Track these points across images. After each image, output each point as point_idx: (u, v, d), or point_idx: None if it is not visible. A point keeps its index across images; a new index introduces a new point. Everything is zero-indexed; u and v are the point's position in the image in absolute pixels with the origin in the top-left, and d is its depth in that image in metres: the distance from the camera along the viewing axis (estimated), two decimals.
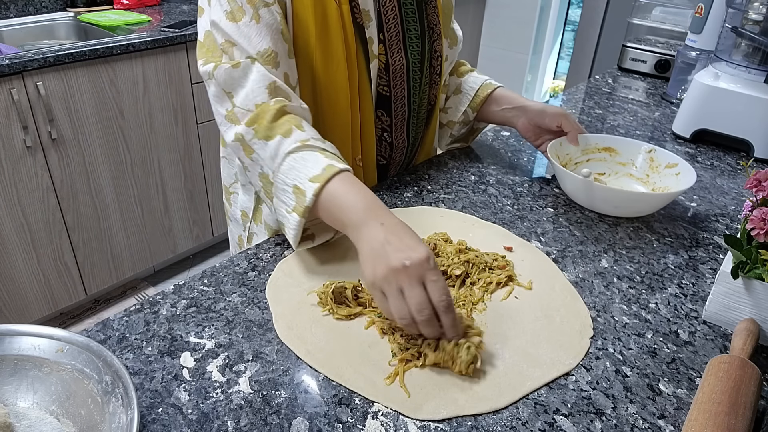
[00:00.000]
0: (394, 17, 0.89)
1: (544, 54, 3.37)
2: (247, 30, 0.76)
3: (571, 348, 0.65)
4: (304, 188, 0.69)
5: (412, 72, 0.94)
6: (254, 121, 0.75)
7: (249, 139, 0.75)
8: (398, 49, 0.91)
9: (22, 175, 1.74)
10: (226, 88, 0.77)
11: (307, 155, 0.72)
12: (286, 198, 0.72)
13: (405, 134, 1.00)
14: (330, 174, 0.69)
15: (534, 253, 0.81)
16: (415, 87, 0.96)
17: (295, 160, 0.71)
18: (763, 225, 0.65)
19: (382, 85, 0.92)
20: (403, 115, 0.97)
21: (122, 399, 0.50)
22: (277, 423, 0.54)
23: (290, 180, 0.71)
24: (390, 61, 0.90)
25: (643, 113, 1.43)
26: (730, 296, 0.69)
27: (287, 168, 0.72)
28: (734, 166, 1.17)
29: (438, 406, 0.56)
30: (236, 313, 0.68)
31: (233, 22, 0.76)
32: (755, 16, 1.15)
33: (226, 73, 0.76)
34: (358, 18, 0.84)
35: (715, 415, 0.52)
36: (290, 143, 0.72)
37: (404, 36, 0.91)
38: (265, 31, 0.76)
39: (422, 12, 0.93)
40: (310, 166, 0.70)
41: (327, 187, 0.68)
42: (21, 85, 1.64)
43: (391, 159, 1.01)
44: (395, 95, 0.94)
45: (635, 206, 0.91)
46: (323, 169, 0.69)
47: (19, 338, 0.55)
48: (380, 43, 0.89)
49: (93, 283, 2.06)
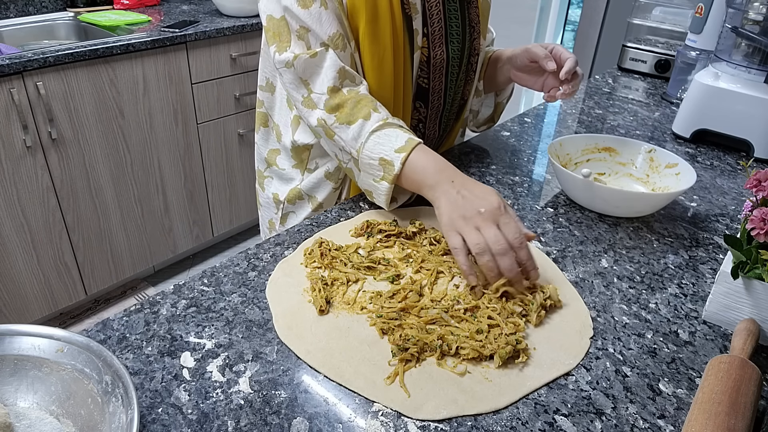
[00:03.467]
0: (438, 12, 0.92)
1: None
2: (318, 15, 0.82)
3: (571, 348, 0.65)
4: (391, 159, 0.79)
5: (451, 66, 0.98)
6: (335, 108, 0.84)
7: (331, 124, 0.85)
8: (440, 43, 0.94)
9: (22, 175, 1.74)
10: (304, 76, 0.85)
11: (389, 132, 0.82)
12: (373, 170, 0.82)
13: (437, 126, 1.04)
14: (412, 145, 0.79)
15: (534, 253, 0.81)
16: (452, 81, 1.00)
17: (378, 137, 0.81)
18: (763, 225, 0.65)
19: (422, 77, 0.95)
20: (438, 107, 1.01)
21: (122, 399, 0.50)
22: (277, 423, 0.54)
23: (376, 154, 0.81)
24: (432, 54, 0.94)
25: (643, 113, 1.43)
26: (730, 296, 0.69)
27: (372, 144, 0.81)
28: (734, 166, 1.17)
29: (438, 406, 0.56)
30: (236, 313, 0.68)
31: (305, 8, 0.82)
32: (755, 16, 1.15)
33: (305, 63, 0.84)
34: (407, 9, 0.88)
35: (715, 415, 0.52)
36: (372, 123, 0.82)
37: (446, 31, 0.95)
38: (333, 16, 0.83)
39: (464, 10, 0.97)
40: (393, 140, 0.81)
41: (410, 156, 0.79)
42: (21, 85, 1.64)
43: None
44: (433, 88, 0.97)
45: (635, 206, 0.91)
46: (406, 141, 0.80)
47: (19, 338, 0.55)
48: (424, 36, 0.92)
49: (93, 283, 2.06)
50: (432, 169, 0.78)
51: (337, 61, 0.84)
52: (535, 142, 1.23)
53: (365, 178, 0.84)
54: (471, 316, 0.67)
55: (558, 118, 1.40)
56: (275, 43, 0.86)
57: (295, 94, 0.88)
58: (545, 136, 1.27)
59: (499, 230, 0.69)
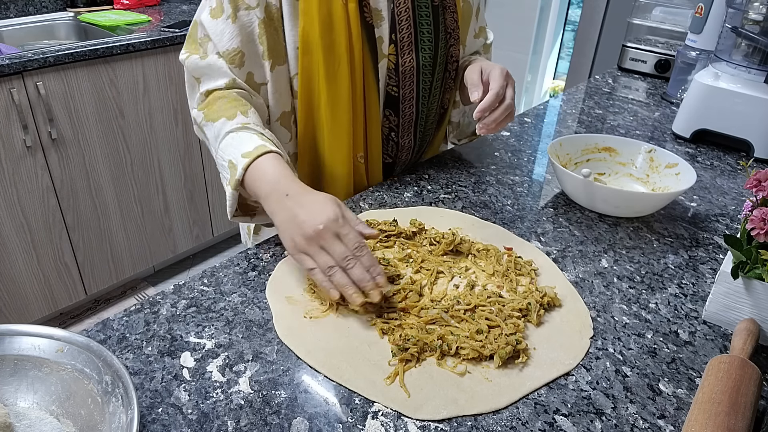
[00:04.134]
0: (407, 19, 0.90)
1: (544, 54, 3.37)
2: (222, 27, 0.82)
3: (571, 348, 0.65)
4: (236, 162, 0.74)
5: (422, 74, 0.95)
6: (205, 105, 0.83)
7: (200, 121, 0.83)
8: (409, 50, 0.92)
9: (22, 175, 1.73)
10: (195, 74, 0.86)
11: (244, 135, 0.77)
12: (224, 172, 0.77)
13: (412, 135, 1.01)
14: (260, 152, 0.73)
15: (534, 253, 0.81)
16: (425, 89, 0.97)
17: (233, 138, 0.77)
18: (763, 225, 0.65)
19: (391, 85, 0.93)
20: (411, 116, 0.98)
21: (122, 399, 0.50)
22: (277, 423, 0.54)
23: (227, 156, 0.76)
24: (400, 62, 0.91)
25: (643, 113, 1.43)
26: (730, 296, 0.69)
27: (225, 145, 0.77)
28: (734, 166, 1.17)
29: (438, 406, 0.56)
30: (236, 313, 0.68)
31: (213, 18, 0.82)
32: (755, 16, 1.15)
33: (193, 62, 0.84)
34: (368, 18, 0.86)
35: (715, 415, 0.52)
36: (232, 124, 0.78)
37: (416, 38, 0.92)
38: (237, 32, 0.82)
39: (438, 16, 0.94)
40: (245, 144, 0.75)
41: (255, 162, 0.73)
42: (21, 85, 1.64)
43: (397, 158, 1.02)
44: (404, 96, 0.95)
45: (635, 206, 0.91)
46: (255, 147, 0.74)
47: (19, 338, 0.55)
48: (391, 43, 0.90)
49: (93, 283, 2.06)
50: (270, 177, 0.71)
51: (228, 72, 0.83)
52: (535, 142, 1.23)
53: (222, 181, 0.79)
54: (471, 316, 0.67)
55: (558, 118, 1.40)
56: (185, 43, 0.88)
57: (191, 95, 0.88)
58: (545, 136, 1.27)
59: (341, 242, 0.66)
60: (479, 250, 0.79)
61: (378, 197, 0.95)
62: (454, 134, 1.15)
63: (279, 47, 0.85)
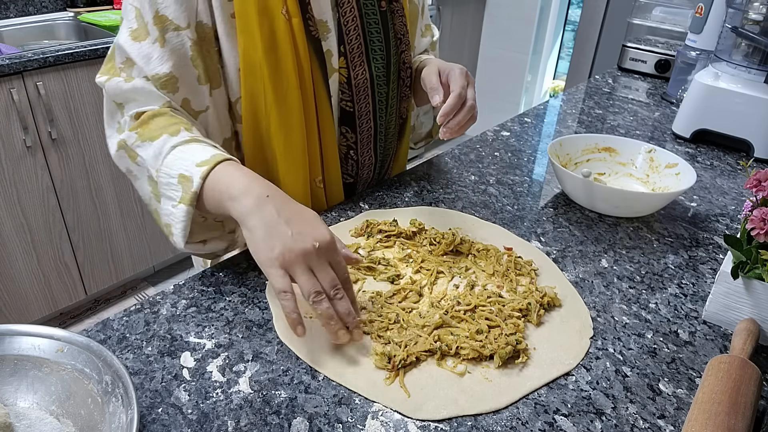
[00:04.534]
0: (355, 28, 0.83)
1: (544, 54, 3.37)
2: (148, 51, 0.72)
3: (571, 348, 0.65)
4: (191, 174, 0.65)
5: (377, 86, 0.89)
6: (138, 125, 0.72)
7: (132, 143, 0.72)
8: (361, 62, 0.86)
9: (22, 175, 1.74)
10: (117, 99, 0.74)
11: (194, 146, 0.68)
12: (172, 191, 0.67)
13: (372, 151, 0.95)
14: (219, 159, 0.65)
15: (534, 253, 0.81)
16: (381, 102, 0.91)
17: (181, 151, 0.67)
18: (763, 225, 0.65)
19: (344, 100, 0.86)
20: (369, 131, 0.92)
21: (122, 399, 0.50)
22: (277, 423, 0.54)
23: (175, 170, 0.66)
24: (352, 75, 0.85)
25: (643, 113, 1.43)
26: (730, 296, 0.69)
27: (172, 159, 0.67)
28: (734, 166, 1.17)
29: (438, 406, 0.56)
30: (236, 313, 0.68)
31: (135, 41, 0.72)
32: (755, 16, 1.15)
33: (116, 85, 0.73)
34: (313, 31, 0.79)
35: (715, 415, 0.52)
36: (178, 139, 0.69)
37: (367, 48, 0.86)
38: (168, 56, 0.72)
39: (386, 22, 0.88)
40: (198, 154, 0.66)
41: (215, 170, 0.64)
42: (21, 85, 1.64)
43: (358, 177, 0.96)
44: (359, 111, 0.88)
45: (635, 206, 0.91)
46: (212, 155, 0.66)
47: (19, 338, 0.55)
48: (341, 56, 0.84)
49: (93, 283, 2.06)
50: (240, 177, 0.63)
51: (162, 96, 0.73)
52: (535, 142, 1.23)
53: (165, 206, 0.69)
54: (471, 316, 0.67)
55: (558, 118, 1.40)
56: (103, 64, 0.76)
57: (110, 120, 0.77)
58: (545, 136, 1.27)
59: (332, 271, 0.59)
60: (479, 250, 0.79)
61: (378, 197, 0.95)
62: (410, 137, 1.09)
63: (215, 69, 0.77)
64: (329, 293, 0.59)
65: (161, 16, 0.71)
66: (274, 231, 0.59)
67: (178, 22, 0.71)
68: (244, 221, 0.61)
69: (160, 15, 0.71)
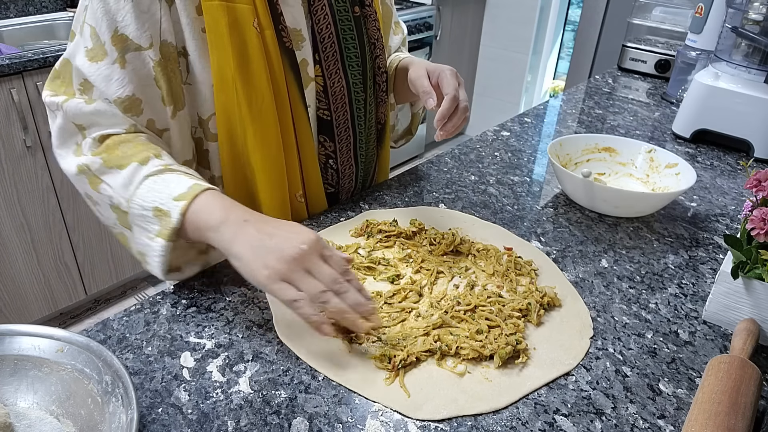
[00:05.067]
0: (329, 35, 0.82)
1: (544, 54, 3.37)
2: (107, 72, 0.68)
3: (571, 348, 0.65)
4: (168, 209, 0.64)
5: (353, 92, 0.88)
6: (104, 150, 0.69)
7: (96, 168, 0.69)
8: (336, 69, 0.84)
9: (22, 175, 1.74)
10: (77, 121, 0.71)
11: (169, 177, 0.66)
12: (147, 223, 0.66)
13: (353, 159, 0.93)
14: (197, 191, 0.64)
15: (534, 253, 0.81)
16: (359, 108, 0.90)
17: (155, 182, 0.66)
18: (763, 225, 0.65)
19: (321, 109, 0.85)
20: (348, 139, 0.90)
21: (122, 399, 0.50)
22: (277, 423, 0.54)
23: (149, 203, 0.65)
24: (328, 83, 0.84)
25: (643, 113, 1.43)
26: (730, 296, 0.69)
27: (145, 191, 0.66)
28: (734, 166, 1.17)
29: (438, 406, 0.56)
30: (236, 313, 0.68)
31: (93, 62, 0.68)
32: (755, 16, 1.15)
33: (76, 107, 0.70)
34: (287, 42, 0.77)
35: (715, 415, 0.52)
36: (149, 168, 0.67)
37: (342, 55, 0.85)
38: (129, 78, 0.69)
39: (360, 27, 0.86)
40: (173, 186, 0.65)
41: (193, 204, 0.64)
42: (21, 85, 1.64)
43: (339, 186, 0.94)
44: (337, 119, 0.87)
45: (635, 206, 0.91)
46: (189, 187, 0.65)
47: (19, 338, 0.55)
48: (316, 63, 0.82)
49: (93, 283, 2.06)
50: (218, 208, 0.63)
51: (126, 119, 0.70)
52: (535, 142, 1.23)
53: (138, 236, 0.68)
54: (471, 316, 0.67)
55: (558, 118, 1.40)
56: (50, 77, 0.73)
57: (67, 140, 0.72)
58: (545, 136, 1.27)
59: (327, 266, 0.59)
60: (479, 250, 0.79)
61: (378, 197, 0.95)
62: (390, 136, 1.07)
63: (178, 90, 0.74)
64: (333, 288, 0.58)
65: (120, 36, 0.67)
66: (260, 250, 0.59)
67: (139, 42, 0.68)
68: (229, 250, 0.61)
69: (119, 34, 0.67)
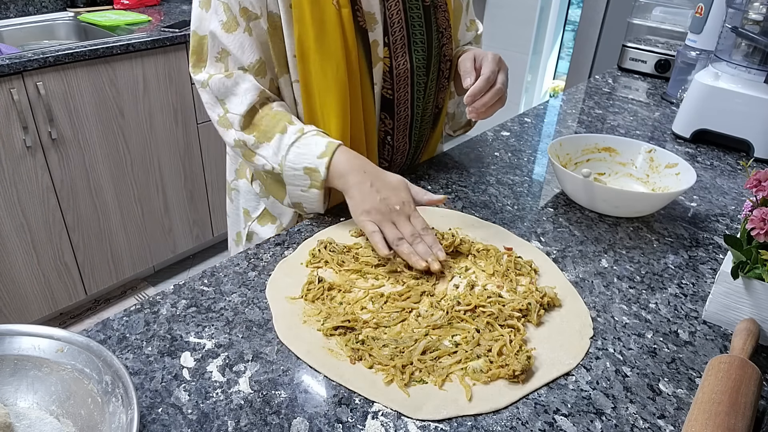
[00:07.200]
0: (399, 21, 0.90)
1: (544, 54, 3.37)
2: (241, 41, 0.83)
3: (571, 348, 0.65)
4: (316, 166, 0.81)
5: (416, 75, 0.95)
6: (252, 128, 0.85)
7: (251, 144, 0.85)
8: (403, 52, 0.92)
9: (22, 175, 1.74)
10: (220, 95, 0.86)
11: (308, 140, 0.82)
12: (299, 180, 0.83)
13: (407, 137, 1.01)
14: (333, 148, 0.81)
15: (534, 253, 0.81)
16: (419, 91, 0.97)
17: (298, 147, 0.82)
18: (763, 225, 0.65)
19: (386, 88, 0.93)
20: (406, 118, 0.98)
21: (122, 399, 0.50)
22: (277, 423, 0.54)
23: (299, 164, 0.82)
24: (394, 64, 0.92)
25: (643, 113, 1.43)
26: (730, 296, 0.69)
27: (294, 156, 0.82)
28: (734, 166, 1.17)
29: (438, 406, 0.56)
30: (236, 313, 0.68)
31: (228, 33, 0.82)
32: (755, 16, 1.15)
33: (219, 82, 0.84)
34: (361, 22, 0.86)
35: (715, 415, 0.52)
36: (290, 136, 0.83)
37: (409, 39, 0.92)
38: (256, 44, 0.83)
39: (429, 16, 0.94)
40: (314, 147, 0.82)
41: (333, 158, 0.81)
42: (21, 85, 1.64)
43: (392, 161, 1.02)
44: (398, 98, 0.95)
45: (635, 206, 0.91)
46: (326, 145, 0.81)
47: (19, 338, 0.55)
48: (385, 46, 0.90)
49: (93, 283, 2.06)
50: (345, 160, 0.80)
51: (257, 85, 0.84)
52: (535, 142, 1.23)
53: (293, 191, 0.85)
54: (471, 316, 0.67)
55: (558, 118, 1.40)
56: (193, 60, 0.87)
57: (211, 114, 0.88)
58: (545, 136, 1.27)
59: (410, 224, 0.76)
60: (479, 250, 0.79)
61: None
62: (449, 125, 1.15)
63: (282, 54, 0.86)
64: (409, 240, 0.75)
65: (243, 8, 0.81)
66: (367, 197, 0.78)
67: (256, 12, 0.82)
68: (347, 191, 0.80)
69: (242, 7, 0.81)
